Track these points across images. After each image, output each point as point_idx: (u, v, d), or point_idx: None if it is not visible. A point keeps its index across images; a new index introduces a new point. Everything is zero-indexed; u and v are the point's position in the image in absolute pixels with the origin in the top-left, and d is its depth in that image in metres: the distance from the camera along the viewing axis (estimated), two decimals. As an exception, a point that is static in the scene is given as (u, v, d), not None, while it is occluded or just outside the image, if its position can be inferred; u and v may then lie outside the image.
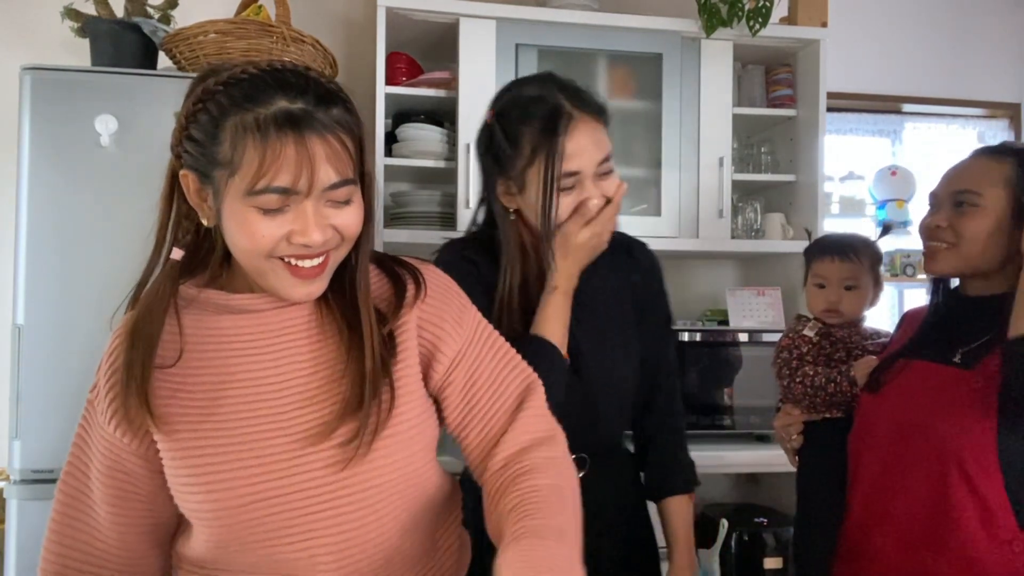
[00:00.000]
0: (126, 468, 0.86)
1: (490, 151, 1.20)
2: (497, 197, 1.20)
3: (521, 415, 0.93)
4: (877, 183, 2.83)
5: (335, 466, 0.83)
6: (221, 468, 0.81)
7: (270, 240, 0.78)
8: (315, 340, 0.87)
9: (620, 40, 2.21)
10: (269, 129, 0.75)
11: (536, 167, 1.14)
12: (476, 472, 0.94)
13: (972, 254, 1.16)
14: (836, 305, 1.39)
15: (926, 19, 2.91)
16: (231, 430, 0.82)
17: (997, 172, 1.15)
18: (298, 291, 0.83)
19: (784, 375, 1.39)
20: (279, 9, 1.88)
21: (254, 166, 0.75)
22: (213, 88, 0.77)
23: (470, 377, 0.93)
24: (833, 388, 1.32)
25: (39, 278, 1.67)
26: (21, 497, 1.65)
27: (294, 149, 0.75)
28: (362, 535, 0.84)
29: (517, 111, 1.17)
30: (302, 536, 0.82)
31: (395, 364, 0.87)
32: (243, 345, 0.85)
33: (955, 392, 1.10)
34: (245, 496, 0.81)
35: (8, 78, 1.84)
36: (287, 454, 0.82)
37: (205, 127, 0.77)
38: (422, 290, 0.92)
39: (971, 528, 1.07)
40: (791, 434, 1.39)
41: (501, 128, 1.17)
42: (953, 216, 1.17)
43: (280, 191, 0.76)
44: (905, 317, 1.38)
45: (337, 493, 0.83)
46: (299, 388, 0.84)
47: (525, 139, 1.14)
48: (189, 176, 0.81)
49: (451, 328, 0.93)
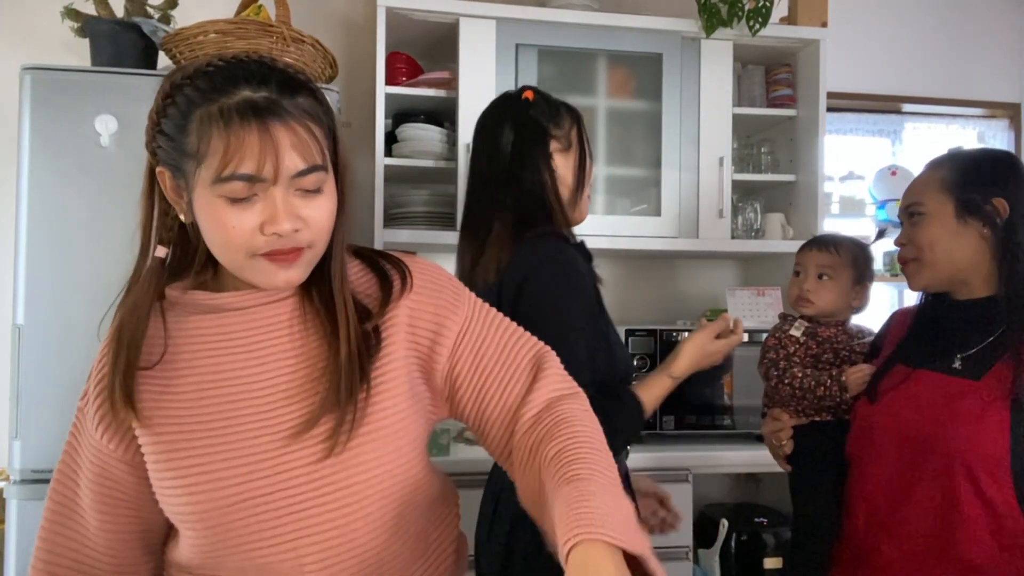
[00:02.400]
0: (113, 475, 0.86)
1: (533, 118, 1.32)
2: (547, 159, 1.30)
3: (543, 376, 0.91)
4: (877, 183, 2.83)
5: (318, 463, 0.82)
6: (206, 468, 0.81)
7: (241, 232, 0.78)
8: (299, 336, 0.86)
9: (620, 40, 2.21)
10: (232, 117, 0.75)
11: (575, 129, 1.34)
12: (501, 442, 0.91)
13: (935, 263, 1.19)
14: (808, 293, 1.39)
15: (926, 19, 2.91)
16: (216, 429, 0.82)
17: (936, 179, 1.20)
18: (279, 278, 0.82)
19: (772, 376, 1.38)
20: (279, 9, 1.88)
21: (219, 155, 0.75)
22: (180, 82, 0.78)
23: (477, 351, 0.92)
24: (823, 391, 1.31)
25: (39, 278, 1.67)
26: (21, 497, 1.65)
27: (257, 136, 0.75)
28: (349, 535, 0.83)
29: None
30: (289, 537, 0.81)
31: (378, 358, 0.86)
32: (228, 344, 0.85)
33: (965, 403, 1.10)
34: (230, 496, 0.80)
35: (8, 78, 1.84)
36: (272, 452, 0.81)
37: (174, 120, 0.78)
38: (408, 283, 0.91)
39: (980, 537, 1.07)
40: (781, 440, 1.38)
41: (543, 96, 1.34)
42: (909, 231, 1.23)
43: (245, 178, 0.76)
44: (895, 316, 1.37)
45: (322, 491, 0.82)
46: (284, 385, 0.84)
47: (563, 107, 1.35)
48: (165, 172, 0.82)
49: (447, 313, 0.92)
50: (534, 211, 1.27)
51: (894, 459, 1.18)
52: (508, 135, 1.30)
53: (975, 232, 1.16)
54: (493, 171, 1.31)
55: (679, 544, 1.98)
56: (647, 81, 2.26)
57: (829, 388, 1.30)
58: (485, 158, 1.33)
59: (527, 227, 1.25)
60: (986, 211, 1.15)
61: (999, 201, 1.14)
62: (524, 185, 1.28)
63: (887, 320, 1.39)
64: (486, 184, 1.32)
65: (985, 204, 1.15)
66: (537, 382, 0.91)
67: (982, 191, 1.16)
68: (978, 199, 1.16)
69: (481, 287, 1.22)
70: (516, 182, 1.28)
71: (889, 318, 1.39)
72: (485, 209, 1.30)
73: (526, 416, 0.88)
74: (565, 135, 1.32)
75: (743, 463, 2.09)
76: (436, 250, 2.35)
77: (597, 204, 2.25)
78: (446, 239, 2.12)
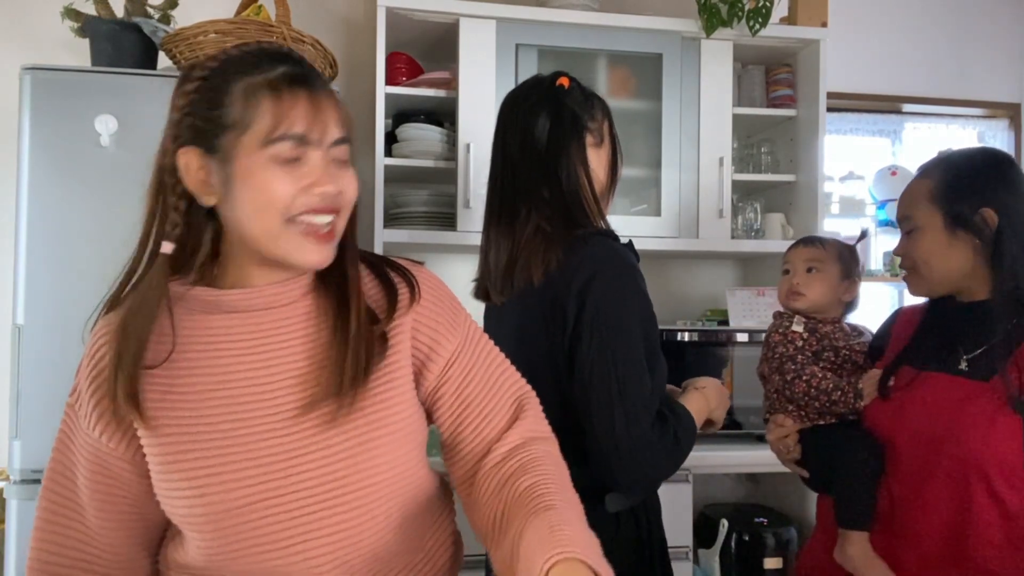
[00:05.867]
0: (113, 472, 0.85)
1: (569, 107, 1.24)
2: (583, 153, 1.23)
3: (523, 417, 0.93)
4: (877, 183, 2.83)
5: (331, 466, 0.82)
6: (216, 471, 0.80)
7: (286, 195, 0.80)
8: (307, 338, 0.86)
9: (620, 40, 2.21)
10: (281, 85, 0.80)
11: (606, 122, 1.28)
12: (466, 469, 0.93)
13: (931, 275, 1.19)
14: (798, 287, 1.40)
15: (926, 19, 2.90)
16: (225, 432, 0.81)
17: (924, 190, 1.19)
18: (313, 256, 0.83)
19: (789, 370, 1.34)
20: (279, 9, 1.88)
21: (267, 118, 0.79)
22: (210, 66, 0.82)
23: (464, 379, 0.93)
24: (839, 396, 1.29)
25: (39, 278, 1.67)
26: (21, 497, 1.65)
27: (306, 100, 0.80)
28: (357, 536, 0.84)
29: None
30: (299, 539, 0.81)
31: (387, 363, 0.87)
32: (235, 344, 0.84)
33: (978, 405, 1.09)
34: (240, 499, 0.80)
35: (8, 78, 1.85)
36: (282, 455, 0.81)
37: (209, 98, 0.80)
38: (416, 294, 0.92)
39: (995, 541, 1.07)
40: (788, 446, 1.37)
41: (577, 84, 1.27)
42: (905, 242, 1.23)
43: (296, 138, 0.79)
44: (899, 314, 1.36)
45: (333, 494, 0.82)
46: (292, 388, 0.84)
47: (595, 99, 1.28)
48: (190, 153, 0.81)
49: (445, 331, 0.93)
50: (574, 209, 1.19)
51: (906, 463, 1.17)
52: (544, 123, 1.21)
53: (967, 244, 1.15)
54: (527, 160, 1.22)
55: (679, 544, 1.98)
56: (647, 81, 2.26)
57: (845, 393, 1.29)
58: (517, 145, 1.23)
59: (573, 225, 1.18)
60: (975, 223, 1.13)
61: (987, 212, 1.13)
62: (562, 180, 1.20)
63: (889, 318, 1.38)
64: (518, 173, 1.23)
65: (973, 216, 1.13)
66: (516, 422, 0.93)
67: (969, 201, 1.14)
68: (966, 211, 1.14)
69: (520, 286, 1.18)
70: (554, 176, 1.20)
71: (891, 316, 1.38)
72: (520, 201, 1.21)
73: (499, 451, 0.90)
74: (599, 128, 1.26)
75: (743, 463, 2.09)
76: (436, 250, 2.35)
77: (597, 204, 2.25)
78: (446, 239, 2.12)
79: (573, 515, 0.78)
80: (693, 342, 2.18)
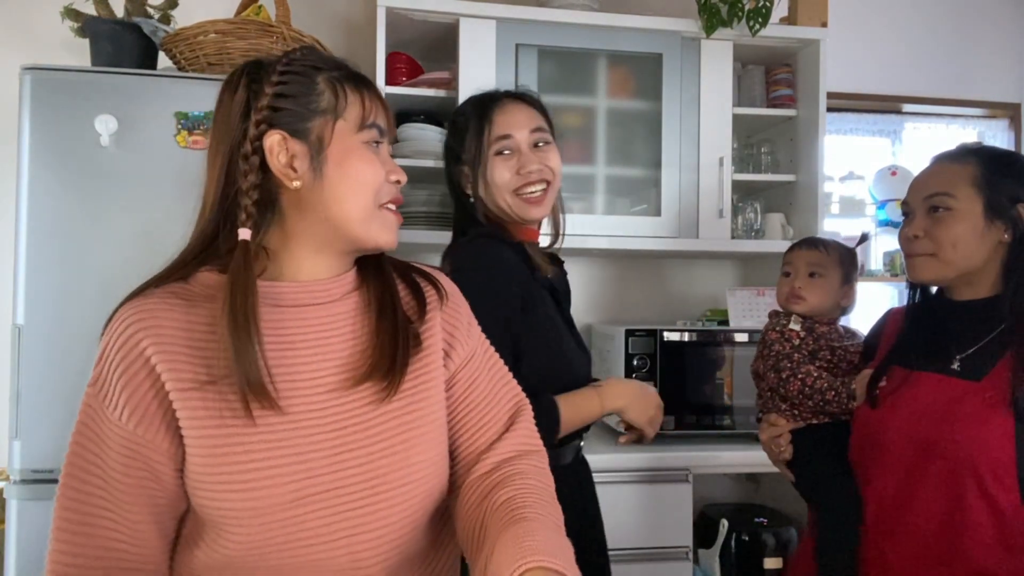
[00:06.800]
0: (148, 464, 0.81)
1: (447, 144, 1.46)
2: (459, 176, 1.42)
3: (515, 428, 0.96)
4: (877, 183, 2.83)
5: (374, 463, 0.84)
6: (264, 464, 0.80)
7: (379, 177, 0.88)
8: (353, 334, 0.88)
9: (620, 40, 2.21)
10: (358, 80, 0.89)
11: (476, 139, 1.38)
12: (456, 474, 0.94)
13: (953, 260, 1.15)
14: (799, 291, 1.39)
15: (926, 19, 2.91)
16: (272, 424, 0.81)
17: (964, 173, 1.16)
18: (394, 236, 0.91)
19: (784, 368, 1.35)
20: (279, 9, 1.88)
21: (358, 106, 0.87)
22: (290, 59, 0.87)
23: (469, 386, 0.96)
24: (832, 396, 1.30)
25: (39, 278, 1.67)
26: (21, 497, 1.65)
27: (377, 96, 0.90)
28: (397, 532, 0.85)
29: None
30: (345, 534, 0.82)
31: (423, 362, 0.90)
32: (284, 338, 0.84)
33: (969, 405, 1.10)
34: (288, 494, 0.80)
35: (8, 78, 1.85)
36: (329, 450, 0.82)
37: (298, 85, 0.85)
38: (444, 294, 0.97)
39: (987, 540, 1.07)
40: (780, 445, 1.37)
41: (453, 123, 1.46)
42: (928, 224, 1.17)
43: (379, 128, 0.89)
44: (889, 315, 1.36)
45: (377, 490, 0.84)
46: (339, 382, 0.85)
47: (468, 127, 1.39)
48: (278, 137, 0.83)
49: (463, 336, 0.96)
50: (466, 221, 1.40)
51: (898, 463, 1.17)
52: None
53: (997, 236, 1.14)
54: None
55: (679, 544, 1.98)
56: (647, 81, 2.26)
57: (839, 393, 1.29)
58: None
59: (462, 235, 1.39)
60: (1012, 215, 1.13)
61: (1022, 208, 1.13)
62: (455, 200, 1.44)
63: (880, 319, 1.38)
64: None
65: (1012, 207, 1.13)
66: (510, 432, 0.95)
67: (1010, 193, 1.13)
68: (1006, 201, 1.13)
69: None
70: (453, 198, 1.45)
71: (882, 317, 1.38)
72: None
73: (487, 462, 0.92)
74: (469, 155, 1.37)
75: (743, 463, 2.09)
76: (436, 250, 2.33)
77: (597, 204, 2.26)
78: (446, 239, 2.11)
79: (544, 525, 0.79)
80: (693, 342, 2.18)
